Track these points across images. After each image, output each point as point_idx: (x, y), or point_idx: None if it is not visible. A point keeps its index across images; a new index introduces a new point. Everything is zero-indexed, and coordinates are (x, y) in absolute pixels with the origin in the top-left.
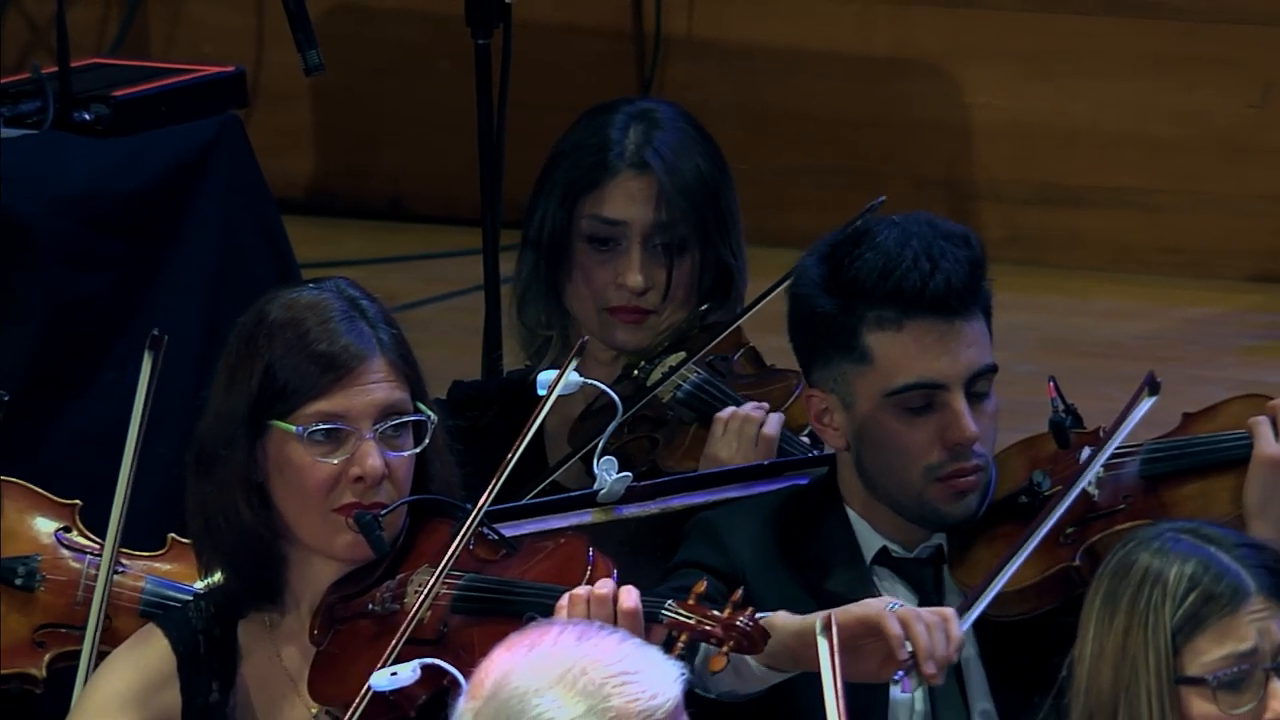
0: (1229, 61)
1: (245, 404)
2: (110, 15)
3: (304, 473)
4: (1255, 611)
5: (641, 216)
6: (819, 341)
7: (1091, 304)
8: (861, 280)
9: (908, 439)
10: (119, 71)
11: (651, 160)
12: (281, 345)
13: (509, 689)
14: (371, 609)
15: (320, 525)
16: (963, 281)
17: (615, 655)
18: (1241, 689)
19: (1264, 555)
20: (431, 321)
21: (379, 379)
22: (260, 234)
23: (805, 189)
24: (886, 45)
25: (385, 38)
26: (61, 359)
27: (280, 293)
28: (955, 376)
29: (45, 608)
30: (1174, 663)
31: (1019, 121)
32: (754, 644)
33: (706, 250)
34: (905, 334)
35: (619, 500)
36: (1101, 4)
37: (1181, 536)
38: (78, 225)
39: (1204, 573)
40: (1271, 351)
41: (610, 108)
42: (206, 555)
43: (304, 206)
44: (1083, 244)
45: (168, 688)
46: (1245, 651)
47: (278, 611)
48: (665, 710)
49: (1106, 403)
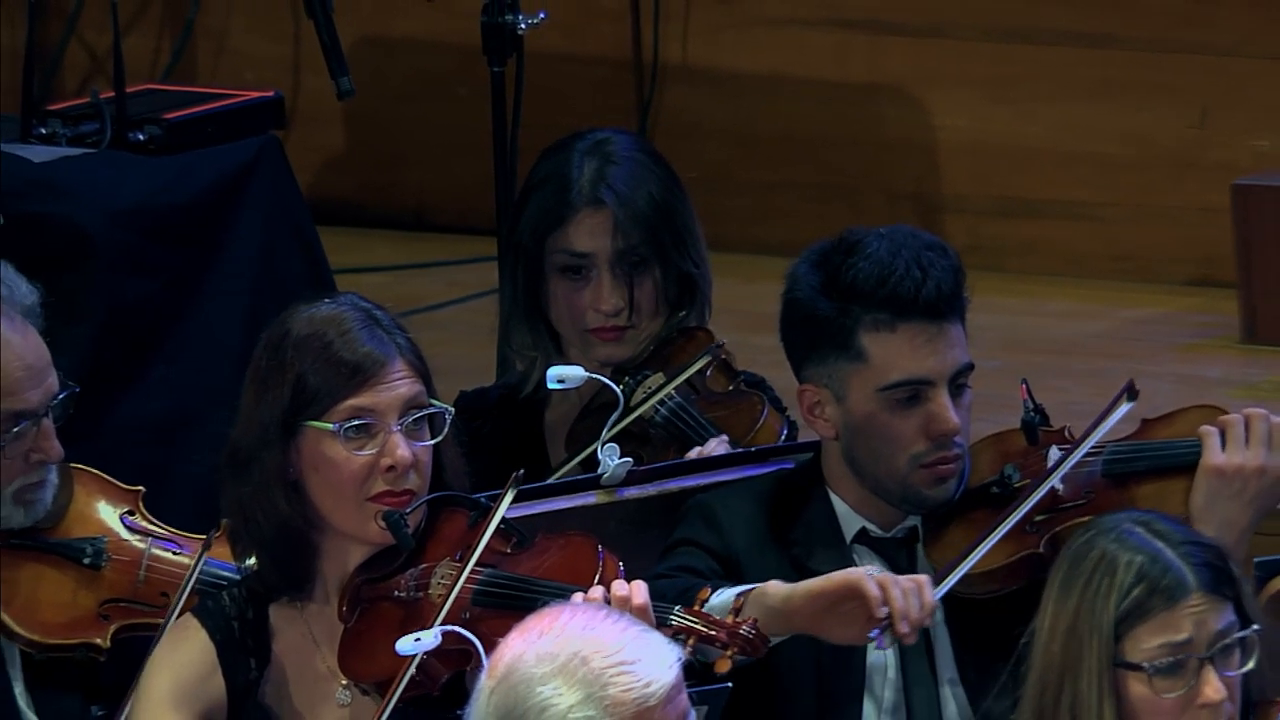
0: (1171, 87)
1: (279, 411)
2: (162, 45)
3: (340, 466)
4: (1193, 606)
5: (604, 247)
6: (815, 341)
7: (1046, 306)
8: (859, 286)
9: (896, 429)
10: (170, 96)
11: (605, 196)
12: (309, 356)
13: (517, 675)
14: (397, 595)
15: (355, 513)
16: (950, 288)
17: (616, 645)
18: (1175, 676)
19: (1207, 553)
20: (451, 322)
21: (401, 377)
22: (297, 243)
23: (788, 202)
24: (862, 72)
25: (410, 66)
26: (117, 356)
27: (299, 309)
28: (941, 374)
29: (110, 584)
30: (1115, 648)
31: (981, 141)
32: (755, 649)
33: (666, 266)
34: (898, 335)
35: (621, 483)
36: (1056, 35)
37: (1135, 529)
38: (132, 235)
39: (1149, 567)
40: (1208, 349)
41: (566, 145)
42: (243, 547)
43: (336, 218)
44: (1038, 252)
45: (212, 676)
46: (1181, 642)
47: (308, 594)
48: (659, 696)
49: (1060, 395)
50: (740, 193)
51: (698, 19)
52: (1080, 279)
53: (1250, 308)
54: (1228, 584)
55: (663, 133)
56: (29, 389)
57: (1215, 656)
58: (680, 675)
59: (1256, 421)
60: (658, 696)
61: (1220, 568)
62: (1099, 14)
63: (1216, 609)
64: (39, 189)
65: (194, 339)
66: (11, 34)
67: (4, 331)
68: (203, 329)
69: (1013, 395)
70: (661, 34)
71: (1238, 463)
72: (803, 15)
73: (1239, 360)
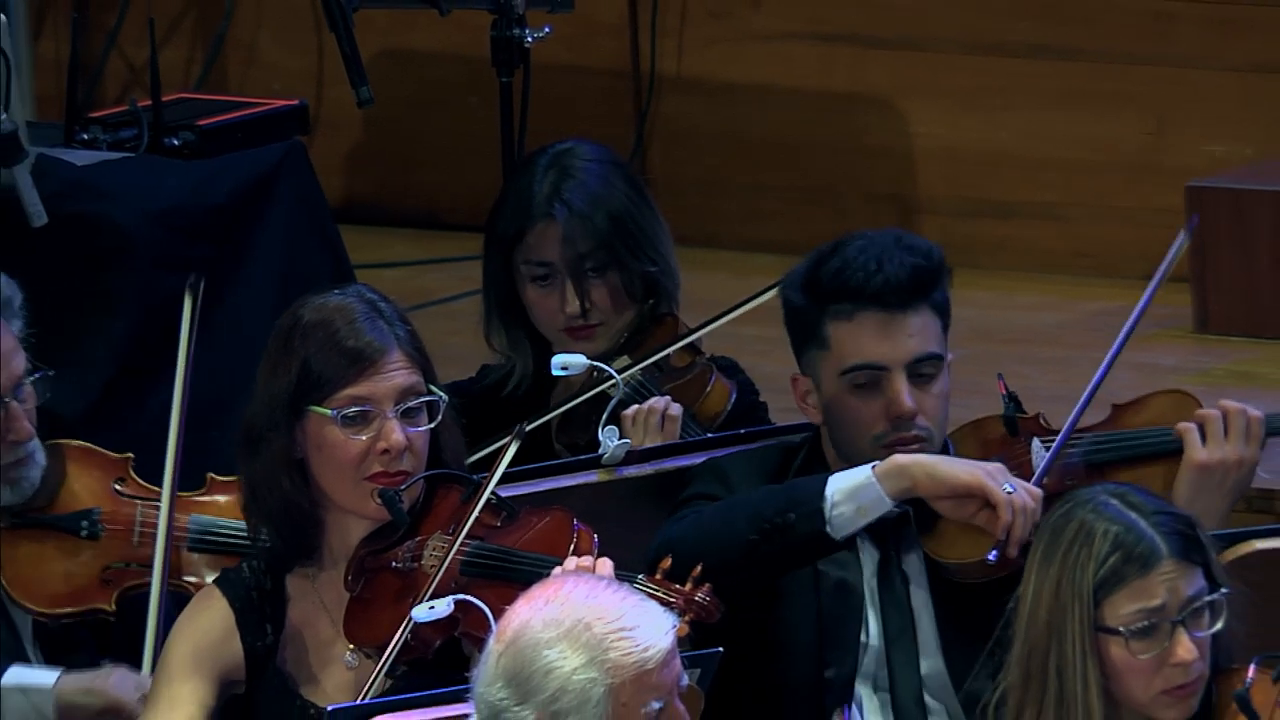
0: (1131, 97)
1: (286, 393)
2: (195, 57)
3: (339, 449)
4: (1166, 573)
5: (563, 255)
6: (798, 332)
7: (1014, 299)
8: (825, 280)
9: (858, 412)
10: (202, 105)
11: (557, 211)
12: (315, 343)
13: (524, 639)
14: (395, 566)
15: (353, 492)
16: (901, 281)
17: (616, 612)
18: (1150, 638)
19: (1178, 522)
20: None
21: (398, 367)
22: (320, 240)
23: (774, 203)
24: (844, 82)
25: (424, 76)
26: (152, 346)
27: (311, 298)
28: (895, 360)
29: (109, 551)
30: (1095, 613)
31: (954, 147)
32: (710, 615)
33: (624, 267)
34: (854, 323)
35: (620, 463)
36: (1025, 48)
37: (1111, 500)
38: (167, 233)
39: (1124, 536)
40: (1164, 339)
41: (531, 160)
42: (254, 520)
43: (356, 217)
44: (1007, 249)
45: (230, 640)
46: (1155, 607)
47: (317, 565)
48: (656, 660)
49: (1025, 380)
50: (731, 195)
51: (692, 33)
52: (1045, 274)
53: (1202, 300)
54: (1197, 551)
55: (659, 139)
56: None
57: (1187, 619)
58: (675, 640)
59: (1234, 417)
60: (655, 660)
61: (1190, 535)
62: (1065, 29)
63: (1187, 575)
64: (81, 190)
65: (225, 329)
66: (56, 47)
67: None
68: (233, 320)
69: (984, 382)
70: (658, 47)
71: (1219, 458)
72: (789, 30)
73: (1192, 349)
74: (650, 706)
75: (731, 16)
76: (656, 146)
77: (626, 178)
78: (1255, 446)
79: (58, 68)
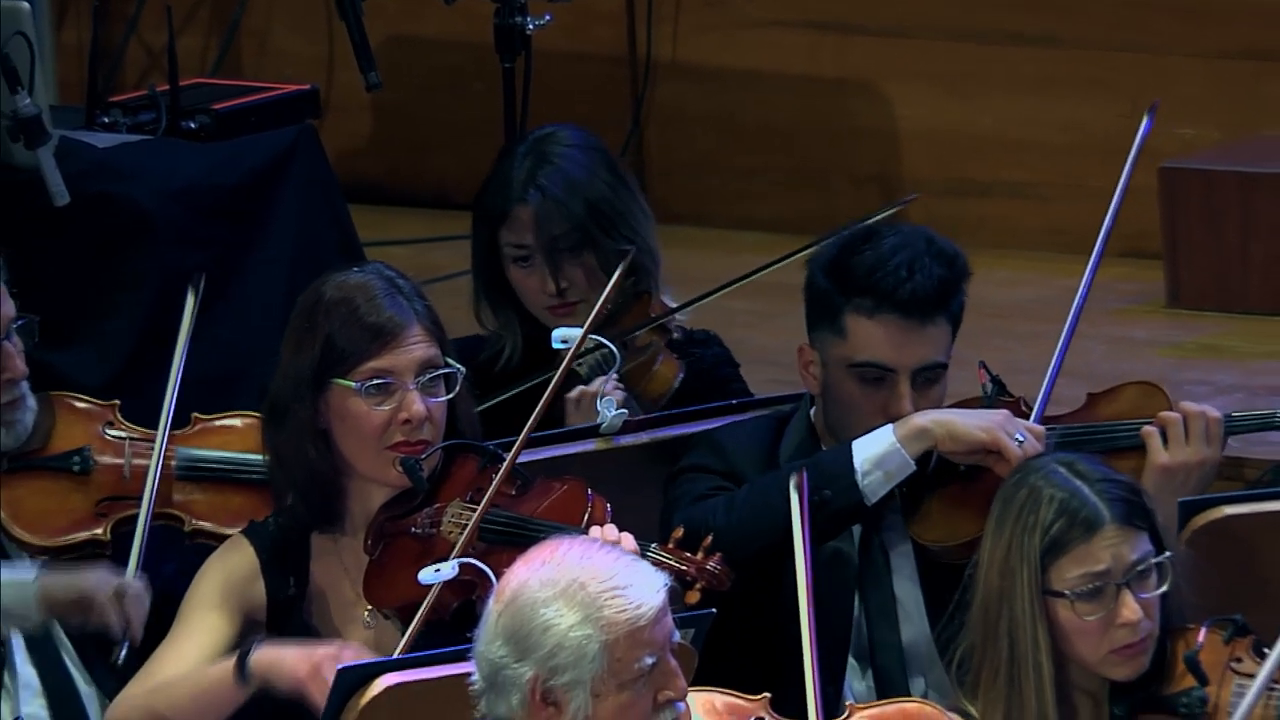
0: (1105, 82)
1: (310, 367)
2: (211, 44)
3: (362, 419)
4: (1109, 538)
5: (539, 236)
6: (815, 309)
7: (993, 275)
8: (854, 272)
9: (859, 403)
10: (218, 89)
11: (530, 195)
12: (338, 319)
13: (522, 599)
14: (414, 531)
15: (375, 460)
16: (928, 294)
17: (609, 571)
18: (1096, 601)
19: (1122, 489)
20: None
21: (417, 341)
22: (331, 220)
23: (765, 184)
24: (831, 68)
25: (430, 62)
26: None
27: (331, 276)
28: (904, 366)
29: (100, 485)
30: (1042, 577)
31: (936, 129)
32: (721, 583)
33: (599, 247)
34: (874, 323)
35: (617, 432)
36: (1004, 35)
37: (1059, 469)
38: (185, 212)
39: (1069, 503)
40: (1137, 313)
41: (511, 148)
42: (279, 487)
43: (366, 198)
44: (987, 227)
45: (255, 583)
46: (1099, 572)
47: (340, 530)
48: (648, 617)
49: (1004, 354)
50: (723, 176)
51: (686, 21)
52: (1023, 251)
53: (1174, 276)
54: (1141, 516)
55: (655, 123)
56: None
57: (1132, 581)
58: (666, 599)
59: (1194, 420)
60: (647, 618)
61: (1134, 501)
62: (1042, 17)
63: (1130, 539)
64: (102, 171)
65: (240, 304)
66: (78, 35)
67: None
68: (248, 295)
69: (965, 355)
70: (654, 35)
71: (1181, 460)
72: (779, 18)
73: (1164, 323)
74: (643, 661)
75: (725, 5)
76: (652, 130)
77: (605, 161)
78: (1216, 447)
79: (79, 54)
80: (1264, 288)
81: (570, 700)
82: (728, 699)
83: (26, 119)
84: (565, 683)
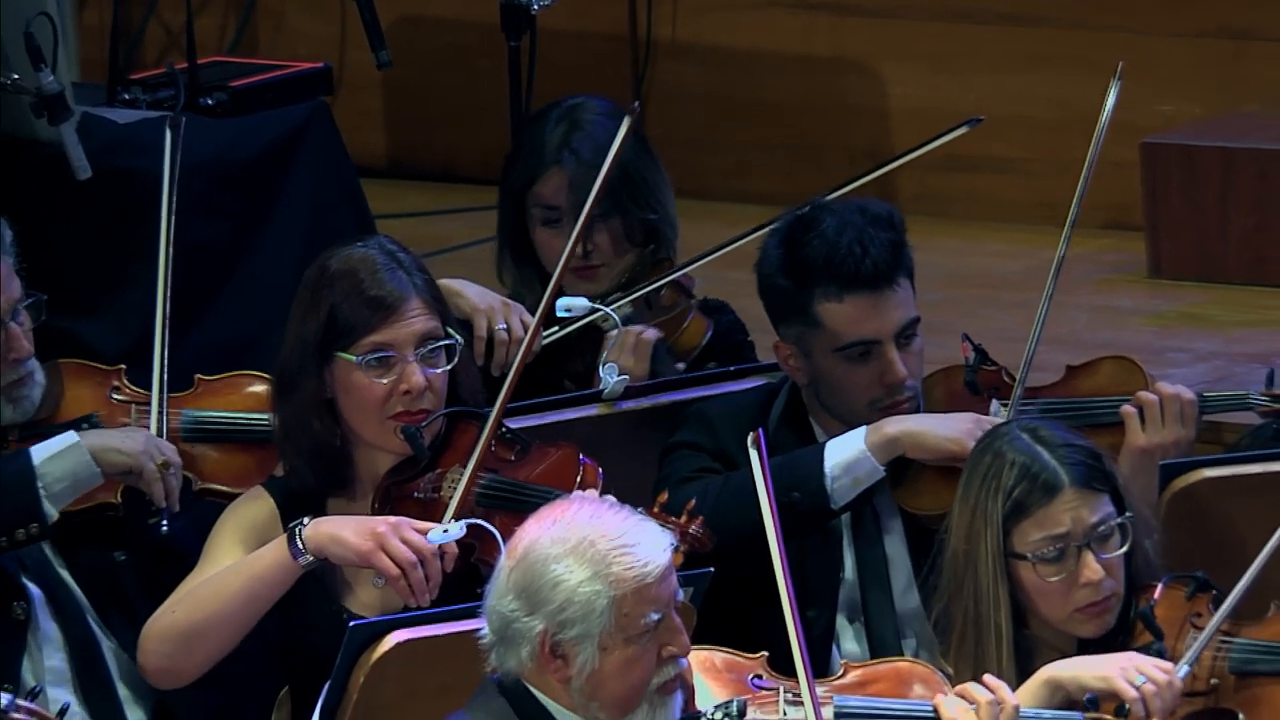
0: (1089, 60)
1: (315, 339)
2: (228, 24)
3: (364, 392)
4: (1069, 501)
5: (569, 199)
6: (781, 309)
7: (982, 246)
8: (810, 264)
9: (854, 381)
10: (235, 67)
11: (565, 159)
12: (340, 292)
13: (534, 555)
14: (417, 495)
15: (378, 430)
16: (886, 261)
17: (618, 530)
18: (1057, 563)
19: (1082, 453)
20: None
21: (417, 314)
22: (343, 193)
23: (762, 159)
24: (825, 48)
25: (439, 41)
26: (191, 288)
27: (336, 250)
28: (886, 333)
29: None
30: (1006, 541)
31: (927, 107)
32: (703, 544)
33: (626, 213)
34: (846, 304)
35: (619, 397)
36: (991, 16)
37: (1022, 435)
38: (202, 185)
39: (1029, 467)
40: (1119, 283)
41: (544, 113)
42: (288, 456)
43: (377, 172)
44: (975, 200)
45: (274, 528)
46: (1059, 534)
47: (350, 493)
48: (655, 575)
49: (991, 322)
50: (722, 151)
51: (686, 2)
52: (1010, 224)
53: (1156, 248)
54: (1101, 479)
55: (655, 100)
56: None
57: (1093, 542)
58: (671, 558)
59: (1169, 402)
60: (653, 575)
61: (1093, 465)
62: None
63: (1090, 502)
64: (123, 146)
65: (255, 274)
66: (100, 15)
67: None
68: (262, 265)
69: (955, 322)
70: (654, 15)
71: (1157, 441)
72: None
73: (1146, 293)
74: (649, 617)
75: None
76: (652, 107)
77: (633, 132)
78: (1191, 427)
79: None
80: (1242, 258)
81: (578, 653)
82: (727, 657)
83: (50, 96)
84: (574, 636)
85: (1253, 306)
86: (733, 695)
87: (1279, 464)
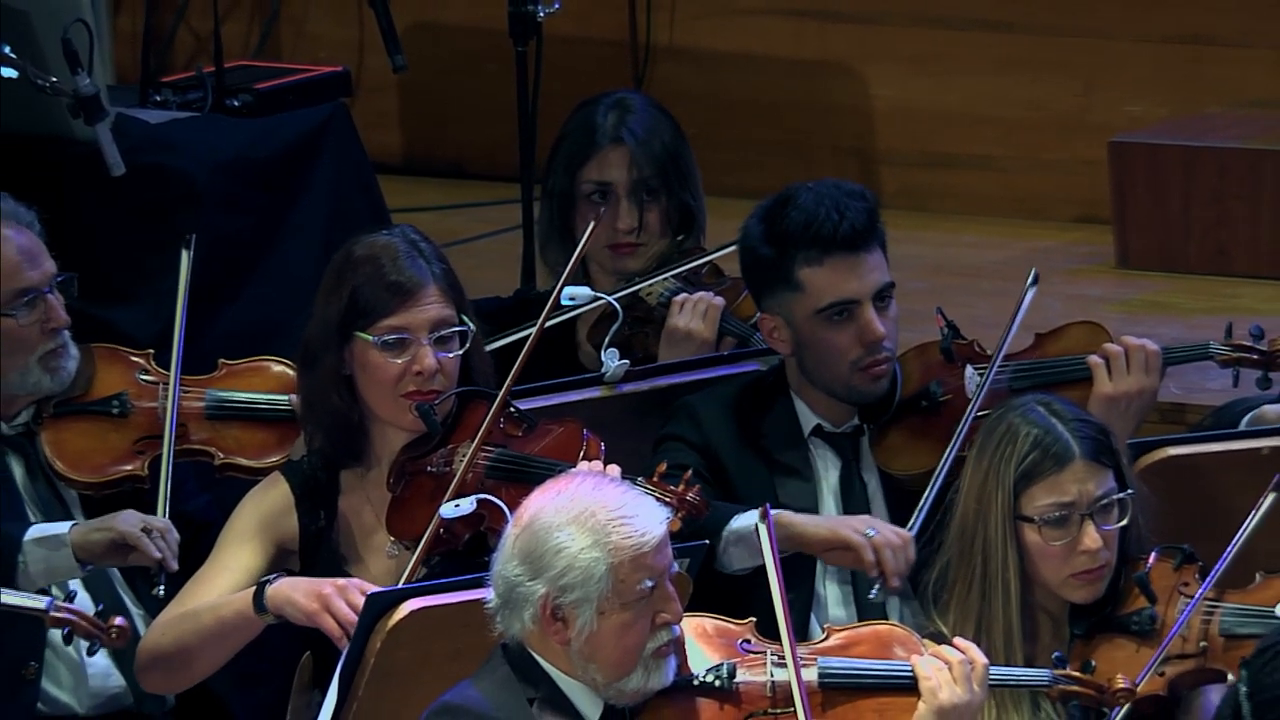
0: (1061, 63)
1: (337, 318)
2: (253, 29)
3: (379, 371)
4: (1077, 472)
5: (622, 177)
6: (765, 279)
7: (960, 238)
8: (791, 231)
9: (835, 342)
10: (259, 71)
11: (625, 136)
12: (362, 276)
13: (538, 523)
14: (430, 470)
15: (392, 407)
16: (863, 225)
17: (618, 502)
18: (1061, 528)
19: (1092, 429)
20: (484, 251)
21: (433, 300)
22: (360, 189)
23: (753, 156)
24: (813, 51)
25: (451, 46)
26: (217, 278)
27: (362, 236)
28: (864, 293)
29: (137, 425)
30: (1015, 503)
31: (909, 107)
32: (699, 512)
33: (672, 196)
34: (826, 267)
35: (620, 380)
36: (969, 22)
37: (1037, 407)
38: (229, 182)
39: (1043, 437)
40: (1089, 273)
41: (593, 101)
42: (309, 428)
43: (393, 169)
44: (954, 195)
45: (288, 516)
46: (1066, 502)
47: (365, 467)
48: (651, 545)
49: (969, 309)
50: (717, 149)
51: (683, 8)
52: (987, 217)
53: (1123, 240)
54: (1108, 455)
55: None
56: (29, 270)
57: (1095, 513)
58: (667, 530)
59: (1134, 352)
60: (650, 545)
61: (1102, 441)
62: (1003, 5)
63: (1096, 475)
64: (154, 145)
65: (279, 264)
66: (132, 21)
67: (3, 230)
68: (285, 257)
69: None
70: (654, 21)
71: (1123, 389)
72: (766, 6)
73: (1114, 282)
74: (644, 584)
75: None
76: None
77: (676, 124)
78: (1155, 376)
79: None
80: (1203, 250)
81: (578, 617)
82: (717, 623)
83: (86, 98)
84: (574, 600)
85: (1213, 294)
86: (723, 659)
87: (1239, 442)
